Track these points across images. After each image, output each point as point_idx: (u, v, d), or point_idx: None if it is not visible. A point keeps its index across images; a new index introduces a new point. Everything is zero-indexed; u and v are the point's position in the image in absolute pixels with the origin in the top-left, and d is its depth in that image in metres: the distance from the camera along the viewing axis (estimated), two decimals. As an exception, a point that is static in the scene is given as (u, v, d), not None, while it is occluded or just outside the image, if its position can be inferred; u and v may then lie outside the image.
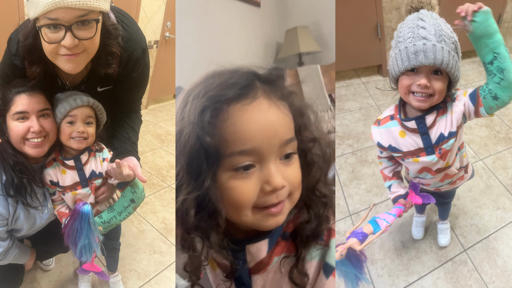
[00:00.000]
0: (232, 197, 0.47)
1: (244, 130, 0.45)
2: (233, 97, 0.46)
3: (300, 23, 3.28)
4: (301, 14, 3.46)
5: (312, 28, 3.32)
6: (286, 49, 3.19)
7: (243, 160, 0.46)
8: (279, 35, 3.41)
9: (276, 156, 0.48)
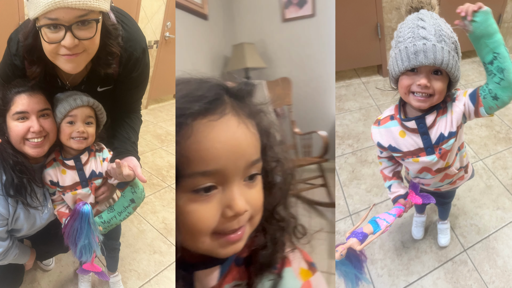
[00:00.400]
0: (190, 222, 0.42)
1: (209, 149, 0.41)
2: (199, 112, 0.41)
3: (246, 39, 3.42)
4: (247, 30, 3.59)
5: (258, 45, 3.48)
6: (233, 63, 3.27)
7: (205, 181, 0.42)
8: (226, 49, 3.50)
9: (240, 178, 0.44)
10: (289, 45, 3.48)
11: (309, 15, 3.35)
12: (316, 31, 3.38)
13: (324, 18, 3.32)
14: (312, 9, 3.31)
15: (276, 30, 3.49)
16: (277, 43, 3.52)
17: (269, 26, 3.50)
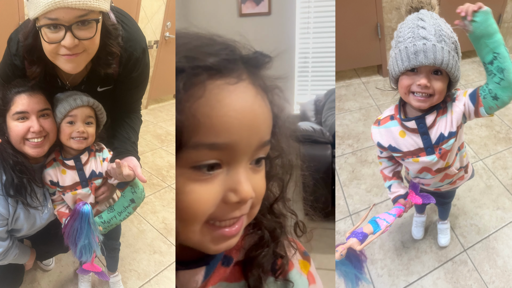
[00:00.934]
0: (185, 204, 0.35)
1: (222, 116, 0.34)
2: (215, 68, 0.34)
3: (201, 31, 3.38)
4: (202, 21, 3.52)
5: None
6: None
7: (210, 156, 0.35)
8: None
9: (248, 159, 0.37)
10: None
11: (265, 12, 3.38)
12: (273, 30, 3.41)
13: (281, 17, 3.37)
14: (269, 7, 3.35)
15: (233, 24, 3.47)
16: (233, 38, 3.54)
17: (225, 19, 3.48)
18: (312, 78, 3.51)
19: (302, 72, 3.51)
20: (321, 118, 2.72)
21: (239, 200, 0.37)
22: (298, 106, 3.44)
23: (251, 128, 0.36)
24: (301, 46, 3.43)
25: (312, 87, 3.52)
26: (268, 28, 3.40)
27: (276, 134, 0.42)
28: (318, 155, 2.11)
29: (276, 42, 3.41)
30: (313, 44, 3.39)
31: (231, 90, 0.34)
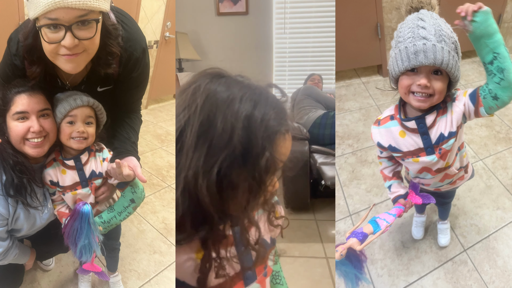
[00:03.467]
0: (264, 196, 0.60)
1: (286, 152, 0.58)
2: (285, 131, 0.56)
3: (179, 29, 3.40)
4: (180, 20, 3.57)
5: (192, 37, 3.48)
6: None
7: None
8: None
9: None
10: (223, 40, 3.53)
11: (243, 12, 3.44)
12: (250, 28, 3.47)
13: (258, 17, 3.43)
14: (246, 7, 3.40)
15: (211, 22, 3.51)
16: (211, 36, 3.54)
17: (203, 17, 3.51)
18: (289, 76, 3.61)
19: (279, 70, 3.60)
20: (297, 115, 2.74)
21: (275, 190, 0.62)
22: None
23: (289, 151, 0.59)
24: (278, 45, 3.53)
25: (289, 85, 3.61)
26: (246, 27, 3.46)
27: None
28: (297, 151, 2.14)
29: (254, 40, 3.48)
30: (289, 44, 3.51)
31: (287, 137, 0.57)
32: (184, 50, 3.19)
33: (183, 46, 3.20)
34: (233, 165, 0.51)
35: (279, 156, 0.56)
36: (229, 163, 0.51)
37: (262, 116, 0.53)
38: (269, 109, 0.54)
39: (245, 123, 0.51)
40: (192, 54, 3.28)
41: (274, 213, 0.71)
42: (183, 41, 3.22)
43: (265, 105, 0.54)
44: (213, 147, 0.51)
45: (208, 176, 0.51)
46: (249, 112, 0.52)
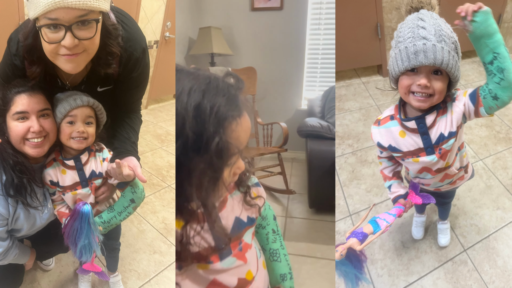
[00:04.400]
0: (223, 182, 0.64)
1: (242, 136, 0.62)
2: (237, 115, 0.61)
3: (213, 23, 3.38)
4: (214, 14, 3.54)
5: (225, 31, 3.44)
6: (198, 47, 3.24)
7: (235, 158, 0.63)
8: (192, 31, 3.44)
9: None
10: (256, 35, 3.49)
11: (277, 7, 3.38)
12: (284, 24, 3.40)
13: (292, 13, 3.36)
14: (280, 2, 3.35)
15: (244, 18, 3.48)
16: (244, 31, 3.51)
17: (237, 13, 3.49)
18: (320, 74, 3.48)
19: (311, 67, 3.48)
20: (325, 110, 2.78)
21: (240, 172, 0.66)
22: (306, 101, 3.44)
23: (249, 136, 0.65)
24: (311, 42, 3.41)
25: (320, 83, 3.49)
26: (280, 23, 3.39)
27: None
28: (324, 150, 2.15)
29: (287, 36, 3.40)
30: (323, 41, 3.37)
31: (242, 121, 0.62)
32: (217, 44, 3.16)
33: (217, 41, 3.17)
34: (188, 152, 0.57)
35: (233, 141, 0.60)
36: (183, 150, 0.57)
37: (211, 104, 0.57)
38: (218, 97, 0.58)
39: (195, 113, 0.56)
40: (225, 48, 3.25)
41: (250, 194, 0.78)
42: (217, 36, 3.18)
43: (215, 94, 0.58)
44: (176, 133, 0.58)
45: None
46: (197, 102, 0.57)
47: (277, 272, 0.89)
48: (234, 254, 0.74)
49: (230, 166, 0.63)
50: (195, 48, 3.27)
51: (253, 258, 0.79)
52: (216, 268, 0.71)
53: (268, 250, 0.90)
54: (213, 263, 0.71)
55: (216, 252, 0.71)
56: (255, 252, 0.80)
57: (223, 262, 0.72)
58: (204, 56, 3.39)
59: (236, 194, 0.77)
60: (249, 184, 0.80)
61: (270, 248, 0.90)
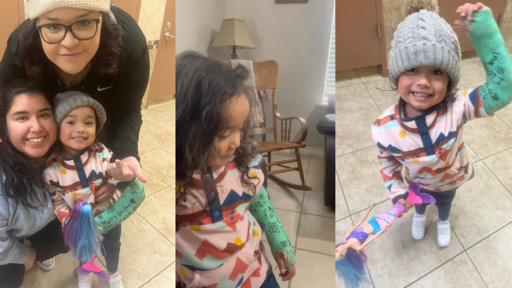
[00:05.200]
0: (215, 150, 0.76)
1: (235, 114, 0.73)
2: (232, 93, 0.73)
3: (236, 16, 3.32)
4: (238, 6, 3.50)
5: (248, 24, 3.38)
6: (221, 39, 3.20)
7: (228, 131, 0.75)
8: (214, 23, 3.41)
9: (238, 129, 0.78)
10: (279, 28, 3.44)
11: (302, 0, 3.33)
12: (308, 18, 3.35)
13: (317, 6, 3.30)
14: None
15: (268, 10, 3.44)
16: (267, 24, 3.47)
17: (261, 5, 3.45)
18: None
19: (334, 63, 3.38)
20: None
21: (235, 147, 0.79)
22: (327, 97, 3.40)
23: (244, 117, 0.77)
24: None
25: None
26: (304, 16, 3.35)
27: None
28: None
29: (311, 30, 3.35)
30: None
31: (238, 101, 0.74)
32: (239, 37, 3.12)
33: (239, 33, 3.14)
34: (186, 117, 0.70)
35: (225, 115, 0.71)
36: (182, 115, 0.70)
37: (210, 80, 0.70)
38: (218, 76, 0.71)
39: (196, 85, 0.69)
40: (247, 41, 3.21)
41: (247, 174, 0.90)
42: (239, 28, 3.15)
43: (216, 74, 0.71)
44: (176, 104, 0.71)
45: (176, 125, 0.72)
46: (201, 77, 0.70)
47: (278, 240, 1.02)
48: (225, 220, 0.85)
49: (222, 137, 0.75)
50: (217, 40, 3.23)
51: (243, 228, 0.89)
52: (206, 229, 0.83)
53: (268, 224, 1.03)
54: (204, 224, 0.82)
55: (208, 215, 0.83)
56: (246, 224, 0.91)
57: (213, 224, 0.83)
58: (226, 48, 3.35)
59: (235, 171, 0.89)
60: (249, 166, 0.91)
61: (269, 222, 1.03)
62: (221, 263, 0.86)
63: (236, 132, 0.77)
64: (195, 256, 0.84)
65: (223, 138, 0.75)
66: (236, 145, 0.78)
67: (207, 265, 0.85)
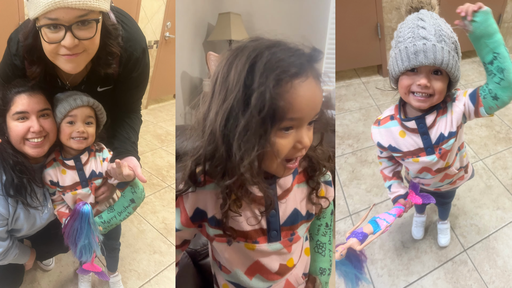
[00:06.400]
0: (273, 149, 0.60)
1: (299, 102, 0.57)
2: (295, 74, 0.57)
3: (233, 9, 3.24)
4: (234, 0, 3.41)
5: (245, 18, 3.30)
6: (217, 33, 3.15)
7: (289, 124, 0.59)
8: (211, 16, 3.36)
9: (307, 123, 0.62)
10: (276, 22, 3.36)
11: None
12: (306, 13, 3.30)
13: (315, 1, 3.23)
14: None
15: (265, 4, 3.38)
16: (264, 18, 3.40)
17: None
18: None
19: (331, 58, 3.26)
20: None
21: (302, 148, 0.62)
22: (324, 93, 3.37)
23: (313, 108, 0.61)
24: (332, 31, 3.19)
25: None
26: (301, 11, 3.28)
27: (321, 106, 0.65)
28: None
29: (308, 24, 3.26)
30: None
31: (303, 86, 0.57)
32: (236, 31, 3.06)
33: (236, 27, 3.08)
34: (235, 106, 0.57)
35: (284, 103, 0.56)
36: (233, 103, 0.57)
37: (268, 59, 0.56)
38: (282, 52, 0.57)
39: (250, 67, 0.56)
40: (244, 35, 3.14)
41: (317, 192, 0.77)
42: (236, 22, 3.10)
43: (280, 49, 0.57)
44: (228, 92, 0.58)
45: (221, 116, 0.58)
46: (258, 57, 0.56)
47: (318, 264, 0.90)
48: (282, 241, 0.74)
49: (283, 133, 0.59)
50: (213, 34, 3.19)
51: (298, 248, 0.80)
52: (261, 249, 0.73)
53: (316, 241, 0.90)
54: (259, 243, 0.72)
55: (265, 234, 0.73)
56: (301, 243, 0.81)
57: (269, 245, 0.73)
58: (222, 42, 3.30)
59: (303, 186, 0.77)
60: (320, 180, 0.78)
61: (318, 240, 0.90)
62: (270, 285, 0.78)
63: (304, 128, 0.61)
64: (245, 275, 0.76)
65: (284, 134, 0.59)
66: (304, 145, 0.61)
67: (256, 285, 0.77)
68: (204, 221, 0.74)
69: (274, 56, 0.56)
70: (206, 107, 0.63)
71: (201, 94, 0.67)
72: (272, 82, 0.55)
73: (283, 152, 0.61)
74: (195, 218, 0.73)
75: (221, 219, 0.70)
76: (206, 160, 0.65)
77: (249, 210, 0.70)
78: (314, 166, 0.76)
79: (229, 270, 0.78)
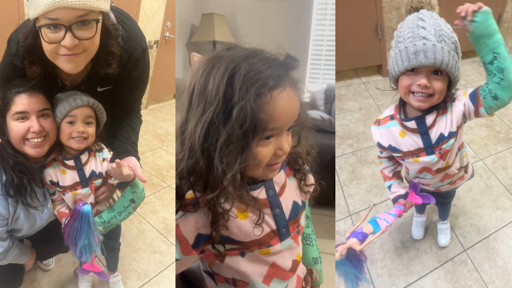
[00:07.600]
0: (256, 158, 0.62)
1: (278, 112, 0.59)
2: (274, 86, 0.58)
3: (216, 10, 3.24)
4: (218, 1, 3.41)
5: (228, 19, 3.30)
6: (201, 34, 3.15)
7: (270, 133, 0.60)
8: (193, 17, 3.34)
9: (286, 130, 0.64)
10: (260, 23, 3.37)
11: None
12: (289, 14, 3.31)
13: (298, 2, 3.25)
14: None
15: (249, 5, 3.38)
16: (248, 19, 3.41)
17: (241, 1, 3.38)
18: (324, 67, 3.35)
19: (315, 59, 3.35)
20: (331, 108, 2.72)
21: (282, 154, 0.64)
22: (308, 94, 3.38)
23: (291, 115, 0.62)
24: (316, 33, 3.29)
25: (324, 76, 3.37)
26: (284, 12, 3.30)
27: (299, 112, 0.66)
28: (325, 144, 2.13)
29: (292, 25, 3.29)
30: (329, 32, 3.24)
31: (281, 97, 0.59)
32: (219, 32, 3.07)
33: (219, 28, 3.08)
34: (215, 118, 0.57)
35: (264, 115, 0.57)
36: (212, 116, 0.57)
37: (246, 71, 0.57)
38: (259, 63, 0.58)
39: (229, 79, 0.57)
40: (227, 36, 3.15)
41: (305, 181, 0.80)
42: (219, 23, 3.10)
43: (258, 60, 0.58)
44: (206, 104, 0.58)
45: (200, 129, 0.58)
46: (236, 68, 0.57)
47: (310, 255, 0.92)
48: (292, 236, 0.76)
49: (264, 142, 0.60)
50: (197, 35, 3.19)
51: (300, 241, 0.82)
52: (276, 250, 0.73)
53: (302, 234, 0.90)
54: (273, 245, 0.73)
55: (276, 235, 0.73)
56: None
57: (282, 243, 0.74)
58: (206, 43, 3.30)
59: (292, 178, 0.79)
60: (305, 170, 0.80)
61: (304, 233, 0.91)
62: (286, 285, 0.78)
63: (283, 135, 0.63)
64: (262, 283, 0.75)
65: (265, 143, 0.61)
66: (284, 151, 0.64)
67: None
68: (207, 244, 0.70)
69: (252, 67, 0.57)
70: (184, 118, 0.63)
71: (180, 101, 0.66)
72: (252, 96, 0.56)
73: (264, 160, 0.63)
74: (197, 244, 0.70)
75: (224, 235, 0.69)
76: (190, 174, 0.64)
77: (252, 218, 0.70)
78: (296, 160, 0.79)
79: (246, 283, 0.75)
